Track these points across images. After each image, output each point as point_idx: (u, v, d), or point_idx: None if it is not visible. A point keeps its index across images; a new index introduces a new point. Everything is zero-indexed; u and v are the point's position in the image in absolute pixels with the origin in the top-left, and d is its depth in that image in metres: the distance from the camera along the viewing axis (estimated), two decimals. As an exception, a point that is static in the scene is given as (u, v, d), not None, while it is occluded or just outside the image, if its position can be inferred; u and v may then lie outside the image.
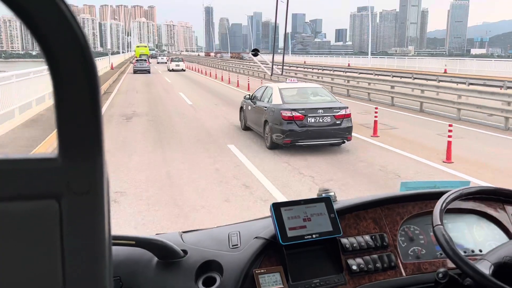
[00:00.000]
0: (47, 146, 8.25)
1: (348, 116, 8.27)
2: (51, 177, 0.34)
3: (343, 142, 8.41)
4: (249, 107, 9.91)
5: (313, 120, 8.09)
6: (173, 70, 40.68)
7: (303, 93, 8.98)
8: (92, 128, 0.34)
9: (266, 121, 8.61)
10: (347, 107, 8.42)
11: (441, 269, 1.16)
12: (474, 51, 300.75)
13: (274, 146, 8.39)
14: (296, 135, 8.03)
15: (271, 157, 7.90)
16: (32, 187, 0.34)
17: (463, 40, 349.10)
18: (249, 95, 10.44)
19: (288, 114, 8.06)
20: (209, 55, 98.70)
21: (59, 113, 0.33)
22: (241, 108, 10.70)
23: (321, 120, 8.12)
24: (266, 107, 8.74)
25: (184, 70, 41.37)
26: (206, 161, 7.54)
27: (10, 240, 0.33)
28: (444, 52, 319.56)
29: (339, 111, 8.22)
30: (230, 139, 9.34)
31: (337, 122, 8.18)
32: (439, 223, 1.11)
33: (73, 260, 0.34)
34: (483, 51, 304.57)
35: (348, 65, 37.35)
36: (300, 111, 8.08)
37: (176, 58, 45.25)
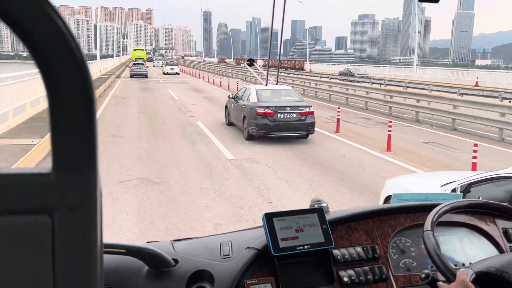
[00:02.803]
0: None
1: (311, 113, 10.29)
2: (45, 192, 0.34)
3: (307, 135, 10.45)
4: (232, 105, 11.93)
5: (282, 116, 10.11)
6: (167, 73, 43.01)
7: (275, 94, 10.99)
8: (87, 142, 0.34)
9: (244, 117, 10.62)
10: (311, 106, 10.47)
11: (425, 270, 1.21)
12: (478, 62, 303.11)
13: (250, 138, 10.38)
14: (268, 128, 10.04)
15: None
16: (25, 202, 0.34)
17: (467, 50, 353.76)
18: (233, 94, 12.49)
19: (262, 110, 10.08)
20: (224, 62, 76.11)
21: (54, 128, 0.34)
22: (226, 106, 12.73)
23: (289, 116, 10.15)
24: (245, 105, 10.74)
25: (178, 74, 43.54)
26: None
27: (1, 254, 0.34)
28: (448, 62, 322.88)
29: (304, 109, 10.25)
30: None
31: (302, 118, 10.20)
32: (429, 228, 1.19)
33: (65, 273, 0.35)
34: (488, 62, 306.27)
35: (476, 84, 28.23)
36: (271, 108, 10.10)
37: (171, 62, 47.67)
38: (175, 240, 1.38)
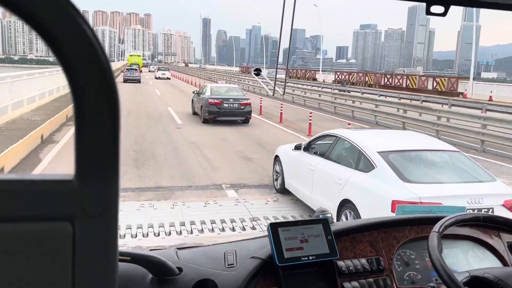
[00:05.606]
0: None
1: (248, 104, 14.81)
2: (66, 199, 0.35)
3: (247, 120, 14.94)
4: (195, 99, 16.48)
5: (227, 105, 14.62)
6: (159, 78, 48.41)
7: (224, 90, 15.59)
8: (111, 150, 0.35)
9: (201, 106, 15.14)
10: (249, 99, 15.02)
11: (430, 283, 1.25)
12: (484, 74, 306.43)
13: (205, 121, 14.84)
14: (217, 113, 14.55)
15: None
16: (46, 208, 0.35)
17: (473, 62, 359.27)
18: (197, 91, 17.02)
19: (212, 101, 14.57)
20: (248, 71, 60.09)
21: (79, 135, 0.35)
22: (192, 100, 17.27)
23: (232, 106, 14.67)
24: (202, 97, 15.26)
25: (169, 79, 48.79)
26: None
27: (21, 260, 0.35)
28: (453, 74, 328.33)
29: (243, 101, 14.76)
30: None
31: (242, 107, 14.73)
32: (436, 230, 1.23)
33: (84, 282, 0.36)
34: (494, 75, 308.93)
35: None
36: (219, 99, 14.61)
37: (162, 67, 54.08)
38: (179, 248, 1.43)
